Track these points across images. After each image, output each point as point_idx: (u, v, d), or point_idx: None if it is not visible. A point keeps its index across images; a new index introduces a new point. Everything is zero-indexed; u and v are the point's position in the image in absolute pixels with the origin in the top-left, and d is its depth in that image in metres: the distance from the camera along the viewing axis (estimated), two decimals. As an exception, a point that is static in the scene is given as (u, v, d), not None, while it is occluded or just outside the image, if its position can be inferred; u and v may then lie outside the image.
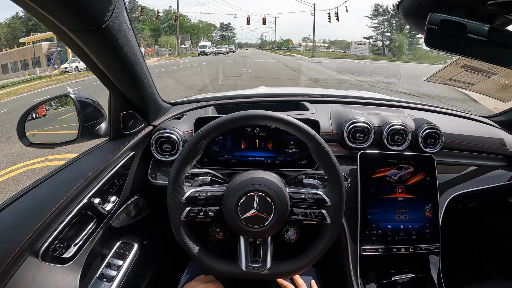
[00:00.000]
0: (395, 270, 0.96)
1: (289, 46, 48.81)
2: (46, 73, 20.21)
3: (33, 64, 25.43)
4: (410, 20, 0.73)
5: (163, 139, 0.96)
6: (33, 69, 23.56)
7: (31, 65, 25.44)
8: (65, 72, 18.86)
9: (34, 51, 25.57)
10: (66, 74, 18.04)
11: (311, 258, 0.72)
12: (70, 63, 19.78)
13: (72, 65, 19.31)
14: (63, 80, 14.74)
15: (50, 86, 13.10)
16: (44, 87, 12.78)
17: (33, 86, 13.47)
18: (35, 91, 11.79)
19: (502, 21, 0.65)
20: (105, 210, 0.79)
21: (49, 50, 25.66)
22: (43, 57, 25.71)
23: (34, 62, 25.56)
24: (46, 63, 25.05)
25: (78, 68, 18.80)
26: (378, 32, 38.86)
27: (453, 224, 1.27)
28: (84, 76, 15.86)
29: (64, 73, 18.81)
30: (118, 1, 0.60)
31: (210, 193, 0.74)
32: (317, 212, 0.73)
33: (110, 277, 0.78)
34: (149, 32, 39.38)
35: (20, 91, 12.50)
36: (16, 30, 33.46)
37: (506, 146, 1.15)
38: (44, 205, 0.67)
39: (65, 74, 18.32)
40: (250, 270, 0.72)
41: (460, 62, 1.09)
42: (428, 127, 1.02)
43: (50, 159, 3.90)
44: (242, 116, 0.69)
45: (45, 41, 25.63)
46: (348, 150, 1.03)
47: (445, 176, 1.06)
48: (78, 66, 18.86)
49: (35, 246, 0.62)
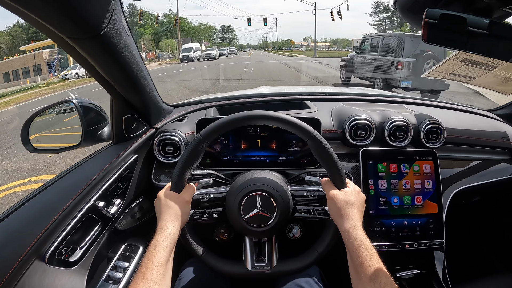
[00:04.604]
0: (400, 267, 0.96)
1: (290, 46, 48.62)
2: (47, 80, 20.15)
3: (34, 71, 25.45)
4: (407, 16, 0.73)
5: (165, 142, 0.97)
6: (34, 76, 23.55)
7: (32, 72, 25.42)
8: (65, 79, 18.83)
9: (34, 58, 25.59)
10: (65, 82, 17.96)
11: (316, 255, 0.72)
12: (70, 70, 19.67)
13: (72, 72, 19.33)
14: (62, 88, 14.61)
15: (48, 94, 12.91)
16: (43, 96, 12.59)
17: (31, 95, 13.29)
18: (33, 100, 11.63)
19: (499, 15, 0.65)
20: (109, 213, 0.80)
21: (50, 57, 25.67)
22: (44, 64, 25.75)
23: (35, 70, 25.59)
24: (47, 70, 25.04)
25: (78, 75, 18.81)
26: (379, 29, 38.66)
27: (458, 219, 1.26)
28: (83, 82, 15.82)
29: (63, 80, 18.78)
30: (116, 7, 0.61)
31: (213, 195, 0.75)
32: (320, 209, 0.73)
33: (117, 279, 0.79)
34: (150, 36, 39.48)
35: (18, 100, 12.29)
36: (18, 38, 33.47)
37: (510, 139, 1.15)
38: (49, 209, 0.69)
39: (64, 81, 18.24)
40: (256, 269, 0.73)
41: (460, 56, 1.08)
42: (430, 122, 1.02)
43: (34, 180, 3.59)
44: (240, 117, 0.70)
45: (45, 49, 25.63)
46: (350, 147, 1.03)
47: (448, 171, 1.06)
48: (78, 73, 18.73)
49: (41, 250, 0.63)
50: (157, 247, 0.59)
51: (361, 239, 0.61)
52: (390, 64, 6.70)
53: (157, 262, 0.57)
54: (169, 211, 0.66)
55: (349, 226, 0.63)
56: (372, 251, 0.60)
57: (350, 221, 0.64)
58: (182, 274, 0.86)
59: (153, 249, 0.59)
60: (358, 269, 0.58)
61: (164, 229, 0.63)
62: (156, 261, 0.57)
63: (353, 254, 0.60)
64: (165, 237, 0.61)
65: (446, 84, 6.41)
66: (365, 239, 0.61)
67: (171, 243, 0.62)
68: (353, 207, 0.66)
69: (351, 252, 0.61)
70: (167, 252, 0.60)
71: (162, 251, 0.59)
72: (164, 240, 0.61)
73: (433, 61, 6.23)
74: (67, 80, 18.60)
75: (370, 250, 0.60)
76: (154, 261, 0.57)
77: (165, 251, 0.59)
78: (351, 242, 0.61)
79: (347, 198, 0.67)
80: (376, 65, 7.29)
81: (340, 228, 0.65)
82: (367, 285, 0.56)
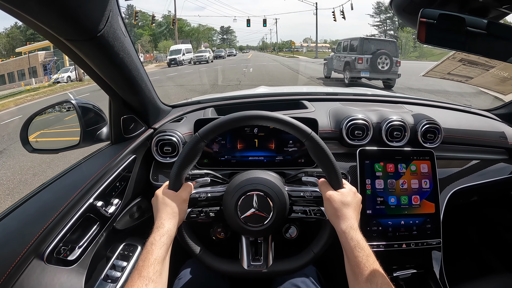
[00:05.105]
0: (397, 266, 0.96)
1: (290, 48, 48.34)
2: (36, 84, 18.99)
3: (29, 74, 24.49)
4: (403, 16, 0.73)
5: (163, 142, 0.97)
6: (29, 79, 22.39)
7: (28, 75, 24.44)
8: (56, 83, 17.58)
9: (29, 61, 24.68)
10: (54, 86, 16.58)
11: (312, 255, 0.73)
12: (61, 73, 18.68)
13: (63, 75, 18.17)
14: (48, 93, 13.27)
15: (34, 100, 11.59)
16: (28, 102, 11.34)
17: (15, 102, 11.71)
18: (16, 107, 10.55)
19: (495, 15, 0.66)
20: (108, 213, 0.81)
21: (45, 59, 24.73)
22: (39, 66, 24.83)
23: (30, 72, 24.64)
24: (43, 72, 24.08)
25: (70, 78, 17.69)
26: (380, 30, 38.55)
27: (455, 219, 1.26)
28: (71, 87, 14.71)
29: (54, 84, 17.53)
30: (113, 9, 0.62)
31: (210, 194, 0.75)
32: (316, 209, 0.74)
33: (115, 278, 0.80)
34: (148, 37, 39.30)
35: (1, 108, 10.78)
36: (15, 40, 32.52)
37: (507, 139, 1.15)
38: (48, 209, 0.69)
39: (53, 86, 16.79)
40: (252, 268, 0.73)
41: (458, 56, 1.09)
42: (427, 122, 1.02)
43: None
44: (238, 117, 0.70)
45: (41, 50, 24.73)
46: (347, 147, 1.03)
47: (446, 171, 1.06)
48: (71, 76, 17.79)
49: (40, 249, 0.64)
50: (154, 245, 0.59)
51: (358, 239, 0.61)
52: (354, 60, 8.94)
53: (153, 260, 0.57)
54: (167, 209, 0.67)
55: (346, 227, 0.64)
56: (369, 251, 0.60)
57: (347, 221, 0.64)
58: (181, 274, 0.87)
59: (150, 247, 0.59)
60: (355, 270, 0.59)
61: (161, 227, 0.63)
62: (152, 259, 0.57)
63: (349, 254, 0.61)
64: (162, 235, 0.62)
65: (398, 74, 8.69)
66: (361, 239, 0.62)
67: (168, 241, 0.62)
68: (350, 208, 0.67)
69: (348, 253, 0.61)
70: (163, 250, 0.60)
71: (159, 249, 0.59)
72: (161, 238, 0.61)
73: (384, 56, 8.59)
74: (58, 84, 17.48)
75: (366, 251, 0.60)
76: (150, 259, 0.57)
77: (162, 249, 0.60)
78: (348, 243, 0.62)
79: (343, 199, 0.67)
80: (345, 62, 9.60)
81: (337, 228, 0.66)
82: (364, 286, 0.56)
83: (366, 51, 8.77)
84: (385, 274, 0.57)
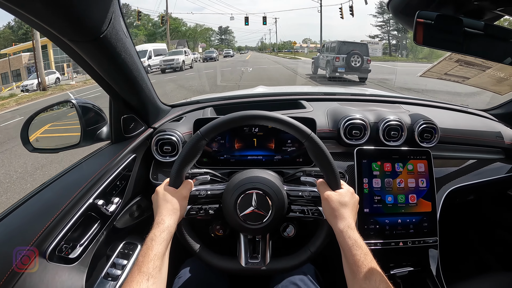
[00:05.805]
0: (394, 264, 0.97)
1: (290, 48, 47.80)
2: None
3: (13, 77, 22.02)
4: (400, 18, 0.74)
5: (163, 141, 0.98)
6: (13, 83, 20.17)
7: (11, 78, 22.03)
8: (23, 91, 14.38)
9: (9, 63, 22.22)
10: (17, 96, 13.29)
11: (308, 254, 0.74)
12: (22, 81, 15.12)
13: (33, 82, 14.38)
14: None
15: None
16: None
17: None
18: None
19: (490, 17, 0.67)
20: (108, 212, 0.82)
21: (29, 61, 21.55)
22: (23, 69, 22.37)
23: (14, 75, 22.33)
24: (27, 75, 20.87)
25: (40, 86, 13.73)
26: (383, 30, 38.45)
27: (452, 217, 1.28)
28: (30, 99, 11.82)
29: (22, 92, 14.30)
30: (115, 11, 0.63)
31: (210, 191, 0.76)
32: (314, 209, 0.75)
33: (115, 276, 0.81)
34: (144, 37, 38.79)
35: None
36: (7, 40, 30.67)
37: (504, 139, 1.16)
38: (50, 207, 0.70)
39: (15, 96, 13.41)
40: (250, 266, 0.74)
41: (454, 57, 1.10)
42: (424, 122, 1.03)
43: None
44: (239, 117, 0.71)
45: (25, 52, 22.27)
46: (345, 146, 1.04)
47: (443, 170, 1.07)
48: (60, 78, 14.70)
49: (42, 247, 0.65)
50: (154, 241, 0.60)
51: (355, 238, 0.62)
52: (333, 59, 10.91)
53: (153, 256, 0.58)
54: (167, 206, 0.67)
55: (343, 226, 0.65)
56: (366, 250, 0.61)
57: (344, 221, 0.65)
58: (181, 273, 0.87)
59: (149, 242, 0.60)
60: (353, 268, 0.59)
61: (161, 223, 0.64)
62: (152, 254, 0.58)
63: (347, 253, 0.62)
64: (162, 231, 0.62)
65: (368, 70, 10.82)
66: (359, 238, 0.63)
67: (168, 237, 0.63)
68: (347, 208, 0.68)
69: (346, 251, 0.62)
70: (163, 245, 0.61)
71: (159, 244, 0.60)
72: (161, 234, 0.62)
73: (357, 55, 10.62)
74: (27, 92, 13.99)
75: (364, 249, 0.61)
76: (150, 254, 0.58)
77: (162, 244, 0.60)
78: (346, 242, 0.63)
79: (341, 199, 0.68)
80: (326, 60, 11.71)
81: (335, 228, 0.67)
82: (362, 284, 0.57)
83: (342, 51, 10.80)
84: (382, 272, 0.58)
